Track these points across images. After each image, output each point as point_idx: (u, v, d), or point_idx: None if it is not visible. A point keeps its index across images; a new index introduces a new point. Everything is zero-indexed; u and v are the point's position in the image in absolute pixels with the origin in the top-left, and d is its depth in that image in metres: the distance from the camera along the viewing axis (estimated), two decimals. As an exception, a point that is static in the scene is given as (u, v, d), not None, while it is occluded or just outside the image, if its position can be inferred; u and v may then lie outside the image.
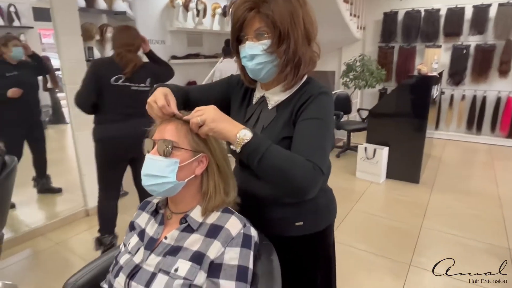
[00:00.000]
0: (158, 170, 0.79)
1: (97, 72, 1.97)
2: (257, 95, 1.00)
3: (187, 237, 0.83)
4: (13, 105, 2.81)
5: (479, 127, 4.98)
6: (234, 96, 1.05)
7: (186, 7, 4.53)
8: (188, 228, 0.84)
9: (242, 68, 0.94)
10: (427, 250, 2.31)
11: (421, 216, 2.82)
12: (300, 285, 1.05)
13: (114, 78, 1.98)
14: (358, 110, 4.68)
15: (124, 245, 0.93)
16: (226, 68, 3.86)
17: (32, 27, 4.59)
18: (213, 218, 0.85)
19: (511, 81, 4.69)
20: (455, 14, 4.81)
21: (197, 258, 0.79)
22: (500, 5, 4.56)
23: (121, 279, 0.84)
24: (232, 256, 0.79)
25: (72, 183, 2.98)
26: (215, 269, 0.78)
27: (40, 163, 3.12)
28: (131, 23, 3.92)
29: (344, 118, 4.65)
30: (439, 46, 4.98)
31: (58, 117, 5.04)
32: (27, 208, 3.09)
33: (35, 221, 2.77)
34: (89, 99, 1.99)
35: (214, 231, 0.82)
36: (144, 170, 0.81)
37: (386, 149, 3.48)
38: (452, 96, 5.07)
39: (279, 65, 0.88)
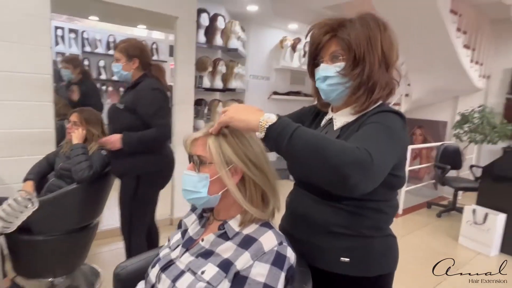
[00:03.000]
0: (192, 185, 0.82)
1: (167, 97, 1.96)
2: (326, 118, 0.98)
3: (222, 243, 0.83)
4: None
5: None
6: (304, 122, 1.05)
7: (294, 48, 4.83)
8: (224, 235, 0.84)
9: (316, 90, 0.94)
10: None
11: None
12: None
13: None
14: (471, 167, 4.03)
15: (169, 240, 0.98)
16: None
17: (165, 61, 5.59)
18: (250, 229, 0.83)
19: None
20: None
21: (225, 266, 0.78)
22: None
23: (155, 269, 0.88)
24: (260, 272, 0.75)
25: (164, 192, 3.27)
26: (239, 282, 0.75)
27: None
28: (241, 60, 4.33)
29: (453, 173, 4.06)
30: None
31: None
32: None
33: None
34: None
35: (247, 242, 0.80)
36: (182, 185, 0.85)
37: (502, 216, 2.87)
38: None
39: (351, 87, 0.86)
